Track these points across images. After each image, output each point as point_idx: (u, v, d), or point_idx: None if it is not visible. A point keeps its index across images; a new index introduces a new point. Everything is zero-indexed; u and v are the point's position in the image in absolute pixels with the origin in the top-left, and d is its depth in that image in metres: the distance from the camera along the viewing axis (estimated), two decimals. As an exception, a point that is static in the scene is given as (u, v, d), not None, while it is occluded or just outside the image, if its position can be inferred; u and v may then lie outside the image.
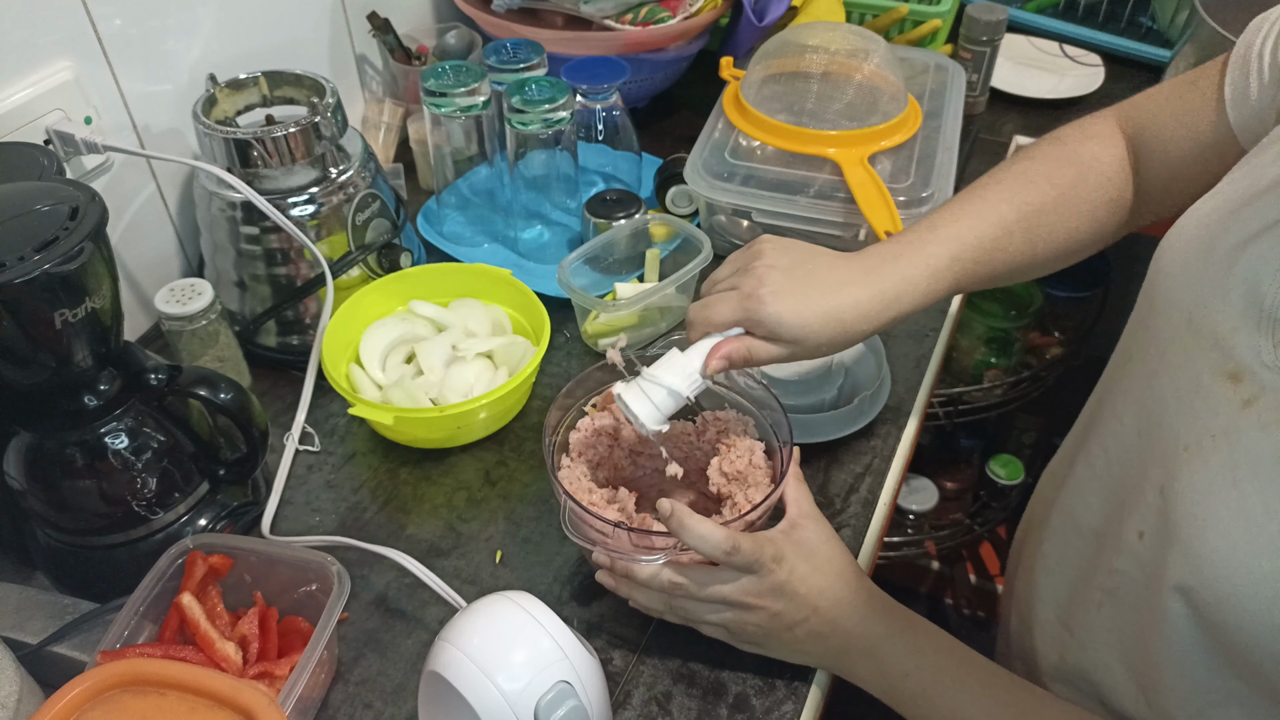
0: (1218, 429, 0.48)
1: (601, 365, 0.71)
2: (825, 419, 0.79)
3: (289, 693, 0.56)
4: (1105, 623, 0.59)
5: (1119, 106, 0.71)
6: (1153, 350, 0.55)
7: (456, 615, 0.57)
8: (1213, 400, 0.49)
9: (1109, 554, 0.58)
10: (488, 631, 0.55)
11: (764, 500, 0.63)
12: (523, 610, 0.56)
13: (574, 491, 0.65)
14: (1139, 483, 0.54)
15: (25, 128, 0.76)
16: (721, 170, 0.95)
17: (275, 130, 0.79)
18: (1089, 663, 0.61)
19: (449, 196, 1.02)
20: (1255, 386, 0.47)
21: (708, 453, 0.72)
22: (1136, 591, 0.55)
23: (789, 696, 0.64)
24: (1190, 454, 0.49)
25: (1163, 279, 0.55)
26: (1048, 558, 0.67)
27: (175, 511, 0.69)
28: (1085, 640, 0.61)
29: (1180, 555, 0.49)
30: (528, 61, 0.96)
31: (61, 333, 0.58)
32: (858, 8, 1.23)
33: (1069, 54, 1.33)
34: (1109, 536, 0.58)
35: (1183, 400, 0.51)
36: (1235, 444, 0.47)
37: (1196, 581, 0.48)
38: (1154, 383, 0.54)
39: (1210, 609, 0.47)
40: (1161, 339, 0.54)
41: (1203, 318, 0.50)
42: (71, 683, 0.51)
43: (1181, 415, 0.51)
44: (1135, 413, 0.56)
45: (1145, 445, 0.55)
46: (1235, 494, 0.46)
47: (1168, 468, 0.51)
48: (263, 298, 0.86)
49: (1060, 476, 0.68)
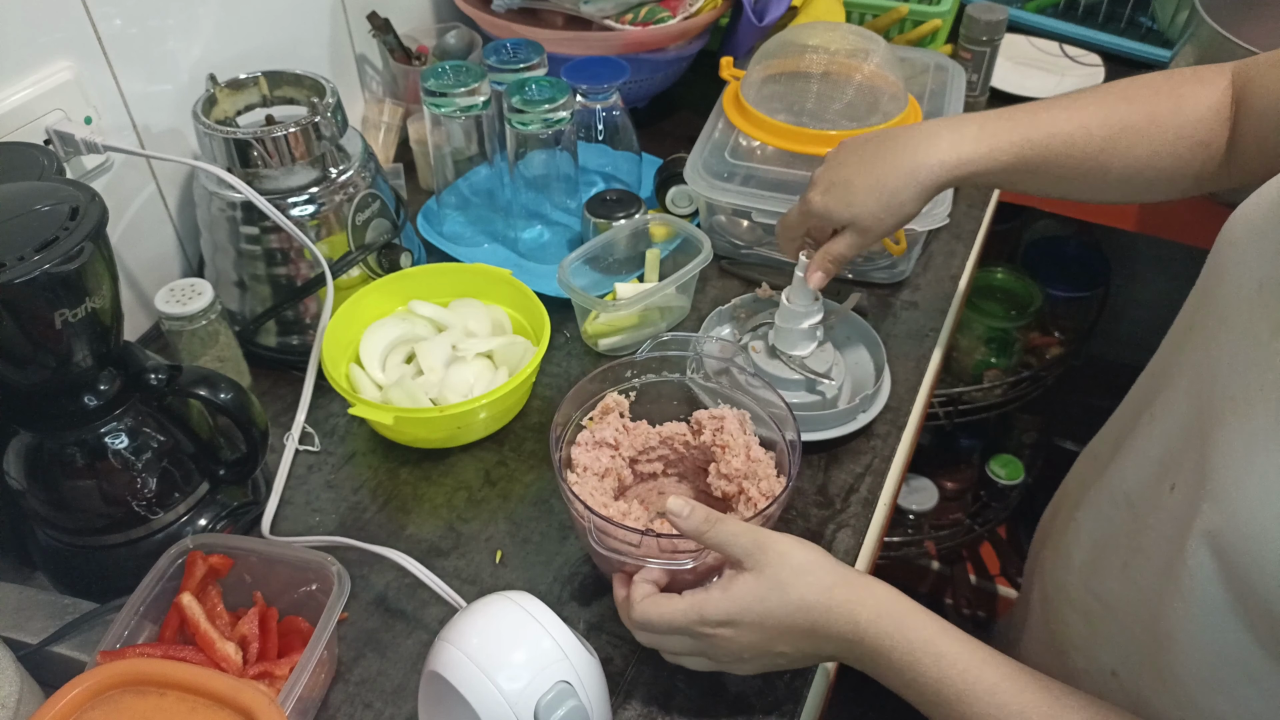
0: (1268, 382, 0.47)
1: (593, 377, 0.70)
2: (825, 419, 0.79)
3: (289, 693, 0.56)
4: (1128, 584, 0.58)
5: (1239, 61, 0.70)
6: (1214, 317, 0.55)
7: (456, 615, 0.57)
8: (1267, 354, 0.48)
9: (1141, 514, 0.58)
10: (488, 631, 0.55)
11: (782, 492, 0.64)
12: (523, 610, 0.56)
13: (595, 507, 0.64)
14: (1181, 443, 0.55)
15: (25, 128, 0.76)
16: (721, 170, 0.95)
17: (275, 130, 0.79)
18: (1113, 631, 0.60)
19: (449, 196, 1.02)
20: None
21: (705, 450, 0.72)
22: (1160, 546, 0.54)
23: (789, 697, 0.64)
24: (1236, 404, 0.49)
25: (1233, 249, 0.55)
26: (1080, 527, 0.67)
27: (175, 511, 0.69)
28: (1112, 605, 0.61)
29: (1211, 503, 0.49)
30: (528, 61, 0.96)
31: (61, 333, 0.58)
32: (858, 8, 1.23)
33: (1069, 54, 1.33)
34: (1144, 499, 0.58)
35: (1237, 358, 0.50)
36: (1277, 399, 0.46)
37: (1226, 527, 0.48)
38: (1210, 347, 0.54)
39: (1236, 554, 0.47)
40: (1225, 305, 0.54)
41: (1274, 282, 0.50)
42: (71, 683, 0.51)
43: (1234, 372, 0.50)
44: (1190, 377, 0.56)
45: (1193, 406, 0.55)
46: (1275, 449, 0.46)
47: (1212, 421, 0.51)
48: (263, 298, 0.86)
49: (1103, 454, 0.68)
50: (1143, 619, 0.56)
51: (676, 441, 0.73)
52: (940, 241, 1.03)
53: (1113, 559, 0.61)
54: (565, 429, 0.70)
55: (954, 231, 1.05)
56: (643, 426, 0.73)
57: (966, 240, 1.04)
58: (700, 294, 0.96)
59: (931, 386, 0.90)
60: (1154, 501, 0.56)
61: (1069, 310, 1.62)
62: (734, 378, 0.73)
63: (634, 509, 0.68)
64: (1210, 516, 0.49)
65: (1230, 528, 0.47)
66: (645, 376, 0.73)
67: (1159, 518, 0.55)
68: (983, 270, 1.59)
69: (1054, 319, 1.62)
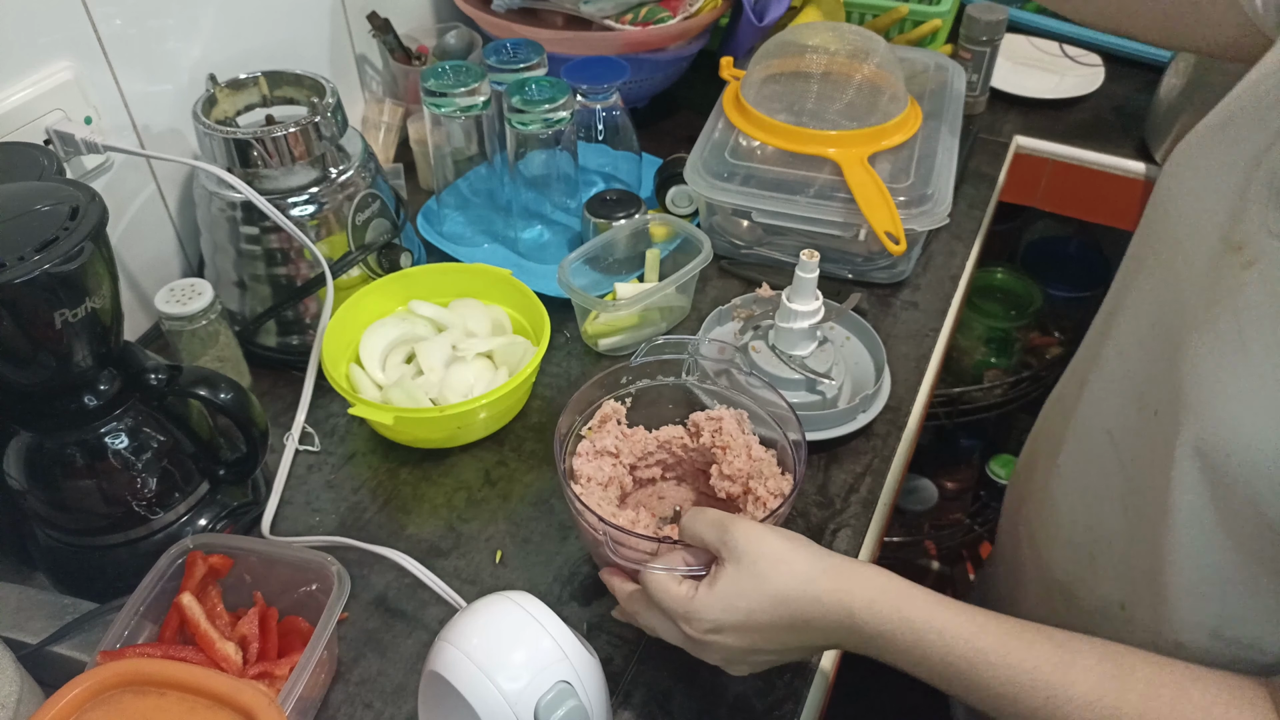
0: (1224, 291, 0.49)
1: (591, 384, 0.70)
2: (825, 419, 0.79)
3: (289, 693, 0.56)
4: (1126, 516, 0.59)
5: None
6: (1166, 243, 0.56)
7: (456, 615, 0.57)
8: (1219, 272, 0.50)
9: (1126, 444, 0.59)
10: (488, 631, 0.55)
11: (793, 490, 0.64)
12: (523, 610, 0.56)
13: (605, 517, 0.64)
14: (1152, 369, 0.56)
15: (25, 128, 0.76)
16: (721, 170, 0.95)
17: (275, 130, 0.79)
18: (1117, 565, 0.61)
19: (449, 196, 1.02)
20: (1255, 250, 0.48)
21: (704, 453, 0.72)
22: (1151, 472, 0.55)
23: (789, 697, 0.64)
24: (1199, 318, 0.51)
25: (1178, 180, 0.57)
26: (1064, 471, 0.67)
27: (175, 511, 0.69)
28: (1112, 540, 0.61)
29: (1189, 415, 0.50)
30: (528, 61, 0.96)
31: (61, 333, 0.58)
32: (858, 8, 1.23)
33: (1069, 54, 1.33)
34: (1126, 430, 0.59)
35: (1194, 276, 0.52)
36: (1239, 304, 0.48)
37: (1206, 435, 0.49)
38: (1166, 273, 0.56)
39: (1222, 467, 0.48)
40: (1178, 229, 0.55)
41: (1221, 209, 0.52)
42: (71, 683, 0.51)
43: (1193, 289, 0.52)
44: (1150, 303, 0.57)
45: (1158, 331, 0.56)
46: (1242, 353, 0.47)
47: (1178, 340, 0.52)
48: (263, 298, 0.86)
49: (1069, 396, 0.69)
50: (1143, 547, 0.57)
51: (674, 445, 0.73)
52: (940, 241, 1.03)
53: (1107, 494, 0.61)
54: (568, 439, 0.69)
55: (954, 231, 1.05)
56: (639, 432, 0.73)
57: (966, 240, 1.04)
58: (700, 294, 0.96)
59: (931, 386, 0.90)
60: (1137, 430, 0.57)
61: (1069, 310, 1.62)
62: (734, 378, 0.73)
63: (642, 516, 0.68)
64: (1190, 429, 0.50)
65: (1211, 434, 0.48)
66: (641, 382, 0.73)
67: (1145, 444, 0.56)
68: (983, 270, 1.59)
69: (1054, 319, 1.63)
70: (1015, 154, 1.21)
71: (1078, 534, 0.65)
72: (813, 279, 0.77)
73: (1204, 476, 0.50)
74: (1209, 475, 0.49)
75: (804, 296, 0.78)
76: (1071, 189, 1.21)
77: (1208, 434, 0.49)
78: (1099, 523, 0.62)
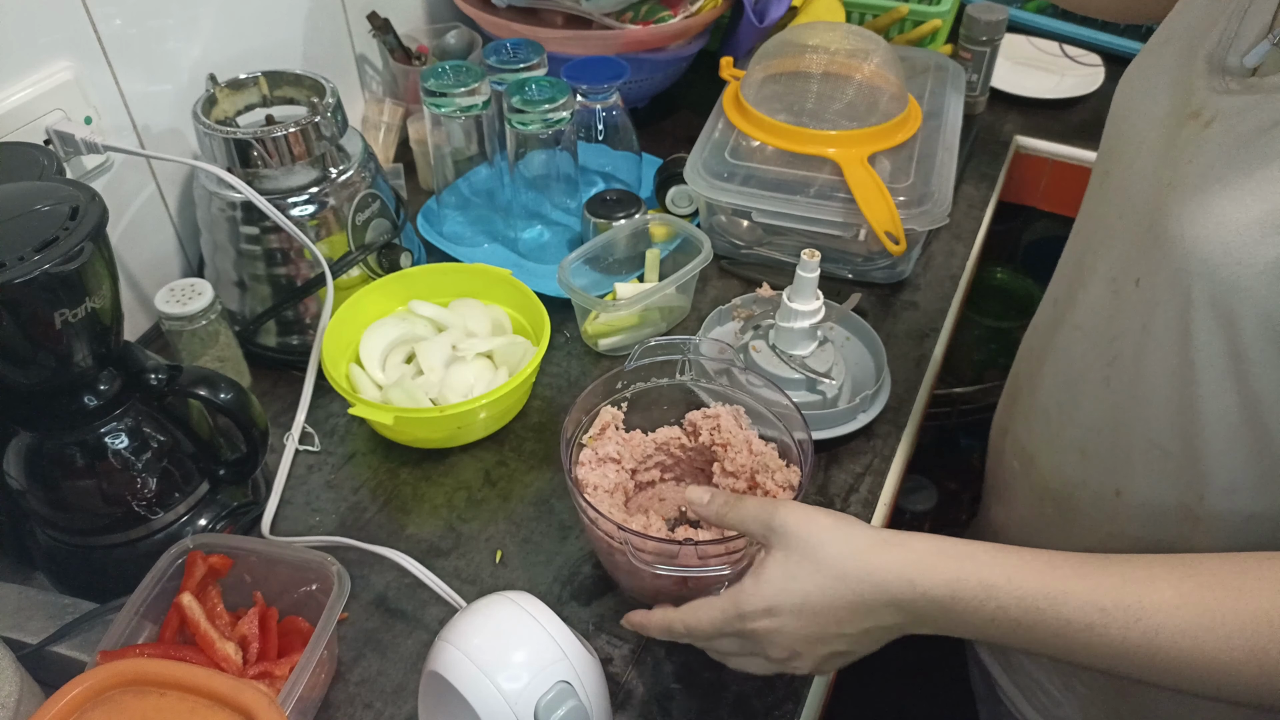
0: (1192, 154, 0.54)
1: (589, 391, 0.70)
2: (825, 418, 0.79)
3: (289, 693, 0.56)
4: (1112, 393, 0.61)
5: None
6: (1128, 149, 0.61)
7: (456, 615, 0.57)
8: (1183, 140, 0.55)
9: (1107, 324, 0.61)
10: (487, 631, 0.55)
11: (800, 486, 0.64)
12: (523, 610, 0.56)
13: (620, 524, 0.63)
14: (1130, 247, 0.59)
15: (25, 128, 0.76)
16: (721, 170, 0.95)
17: (275, 130, 0.79)
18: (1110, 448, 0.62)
19: (449, 196, 1.02)
20: (1213, 110, 0.54)
21: (704, 451, 0.72)
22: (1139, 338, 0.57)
23: (789, 697, 0.64)
24: (1174, 186, 0.54)
25: (1129, 95, 0.63)
26: (1045, 382, 0.70)
27: (175, 511, 0.69)
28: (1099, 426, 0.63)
29: (1182, 271, 0.52)
30: (528, 61, 0.96)
31: (61, 333, 0.58)
32: (858, 8, 1.23)
33: (1069, 54, 1.33)
34: (1105, 311, 0.62)
35: (1162, 158, 0.57)
36: (1210, 153, 0.52)
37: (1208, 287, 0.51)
38: (1132, 169, 0.60)
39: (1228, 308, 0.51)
40: (1141, 130, 0.60)
41: (1171, 99, 0.58)
42: (71, 683, 0.51)
43: (1163, 168, 0.56)
44: (1119, 199, 0.61)
45: (1132, 218, 0.59)
46: (1222, 193, 0.51)
47: (1156, 210, 0.55)
48: (263, 298, 0.86)
49: (1046, 322, 0.72)
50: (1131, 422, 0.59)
51: (672, 446, 0.73)
52: (940, 241, 1.03)
53: (1091, 381, 0.63)
54: (572, 443, 0.69)
55: (954, 231, 1.05)
56: (637, 436, 0.73)
57: (966, 240, 1.04)
58: (700, 294, 0.96)
59: (931, 386, 0.90)
60: (1112, 311, 0.60)
61: (1069, 310, 1.61)
62: (735, 378, 0.73)
63: (653, 520, 0.68)
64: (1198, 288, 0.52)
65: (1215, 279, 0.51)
66: (636, 385, 0.73)
67: (1126, 320, 0.59)
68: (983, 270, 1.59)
69: (1054, 319, 1.62)
70: (1015, 154, 1.21)
71: (1066, 433, 0.67)
72: (813, 279, 0.77)
73: (1217, 325, 0.52)
74: (1220, 321, 0.51)
75: (804, 296, 0.78)
76: (1071, 189, 1.21)
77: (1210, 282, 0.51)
78: (1087, 415, 0.64)
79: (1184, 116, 0.56)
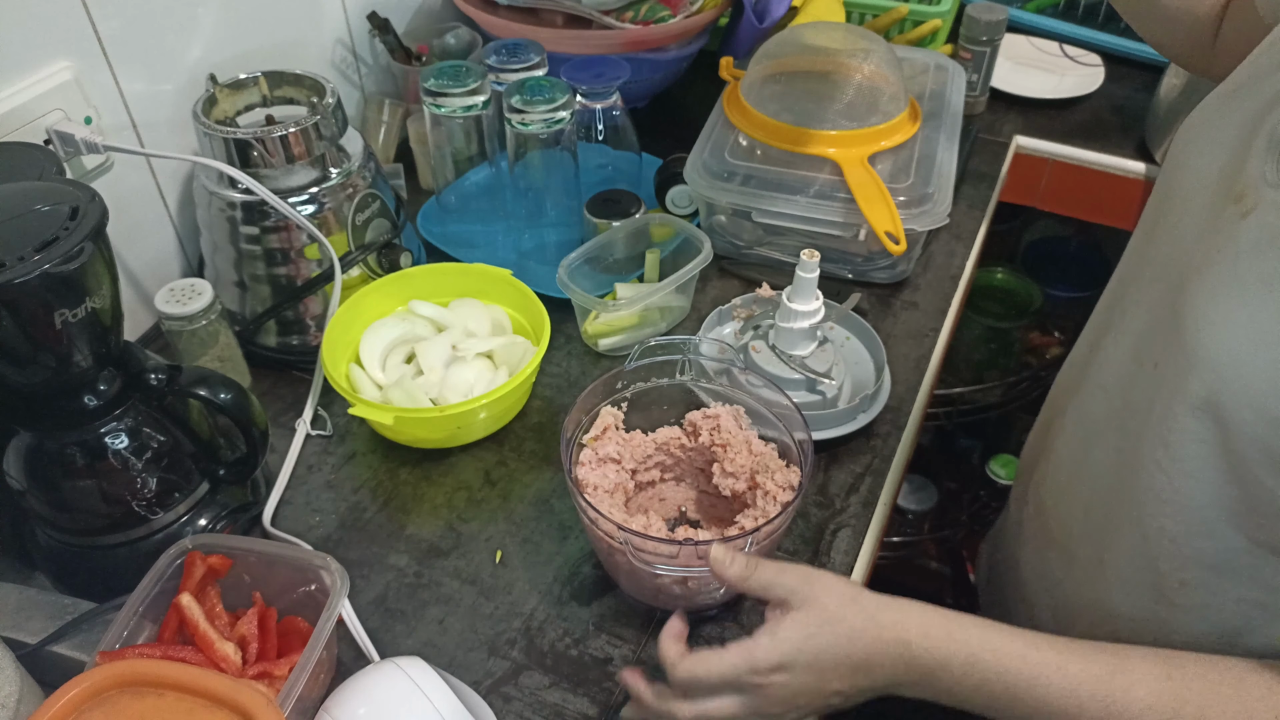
0: (1223, 241, 0.51)
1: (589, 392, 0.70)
2: (825, 419, 0.79)
3: (288, 693, 0.56)
4: (1113, 468, 0.60)
5: None
6: (1177, 207, 0.58)
7: (341, 684, 0.58)
8: (1219, 223, 0.52)
9: (1120, 396, 0.60)
10: (372, 702, 0.56)
11: (800, 487, 0.64)
12: (408, 679, 0.56)
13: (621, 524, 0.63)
14: (1155, 324, 0.57)
15: (25, 128, 0.76)
16: (721, 170, 0.95)
17: (275, 130, 0.79)
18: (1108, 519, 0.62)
19: (449, 196, 1.02)
20: (1254, 199, 0.50)
21: (703, 452, 0.72)
22: (1145, 422, 0.56)
23: (789, 697, 0.64)
24: (1199, 270, 0.52)
25: (1191, 145, 0.59)
26: (1065, 427, 0.69)
27: (175, 511, 0.69)
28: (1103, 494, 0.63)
29: (1197, 369, 0.51)
30: (528, 61, 0.96)
31: (61, 333, 0.58)
32: (858, 8, 1.23)
33: (1069, 54, 1.33)
34: (1121, 382, 0.61)
35: (1198, 234, 0.54)
36: (1238, 249, 0.50)
37: (1208, 385, 0.50)
38: (1174, 236, 0.57)
39: (1223, 411, 0.50)
40: (1189, 193, 0.57)
41: (1225, 166, 0.54)
42: (71, 683, 0.51)
43: (1195, 246, 0.54)
44: (1158, 265, 0.59)
45: (1162, 288, 0.57)
46: (1239, 293, 0.49)
47: (1180, 293, 0.54)
48: (263, 298, 0.86)
49: (1079, 359, 0.71)
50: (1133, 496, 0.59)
51: (672, 446, 0.73)
52: (940, 241, 1.03)
53: (1102, 446, 0.63)
54: (572, 444, 0.69)
55: (954, 231, 1.05)
56: (637, 436, 0.73)
57: (966, 240, 1.04)
58: (700, 294, 0.96)
59: (931, 386, 0.90)
60: (1131, 380, 0.59)
61: (1069, 310, 1.62)
62: (734, 378, 0.73)
63: (653, 520, 0.68)
64: (1198, 381, 0.51)
65: (1213, 378, 0.50)
66: (636, 385, 0.73)
67: (1140, 395, 0.58)
68: (983, 270, 1.59)
69: (1054, 319, 1.63)
70: (1015, 154, 1.21)
71: (1075, 488, 0.66)
72: (813, 279, 0.77)
73: (1213, 425, 0.51)
74: (1217, 423, 0.51)
75: (804, 296, 0.78)
76: (1071, 189, 1.21)
77: (1211, 381, 0.50)
78: (1096, 478, 0.64)
79: (1229, 196, 0.53)
